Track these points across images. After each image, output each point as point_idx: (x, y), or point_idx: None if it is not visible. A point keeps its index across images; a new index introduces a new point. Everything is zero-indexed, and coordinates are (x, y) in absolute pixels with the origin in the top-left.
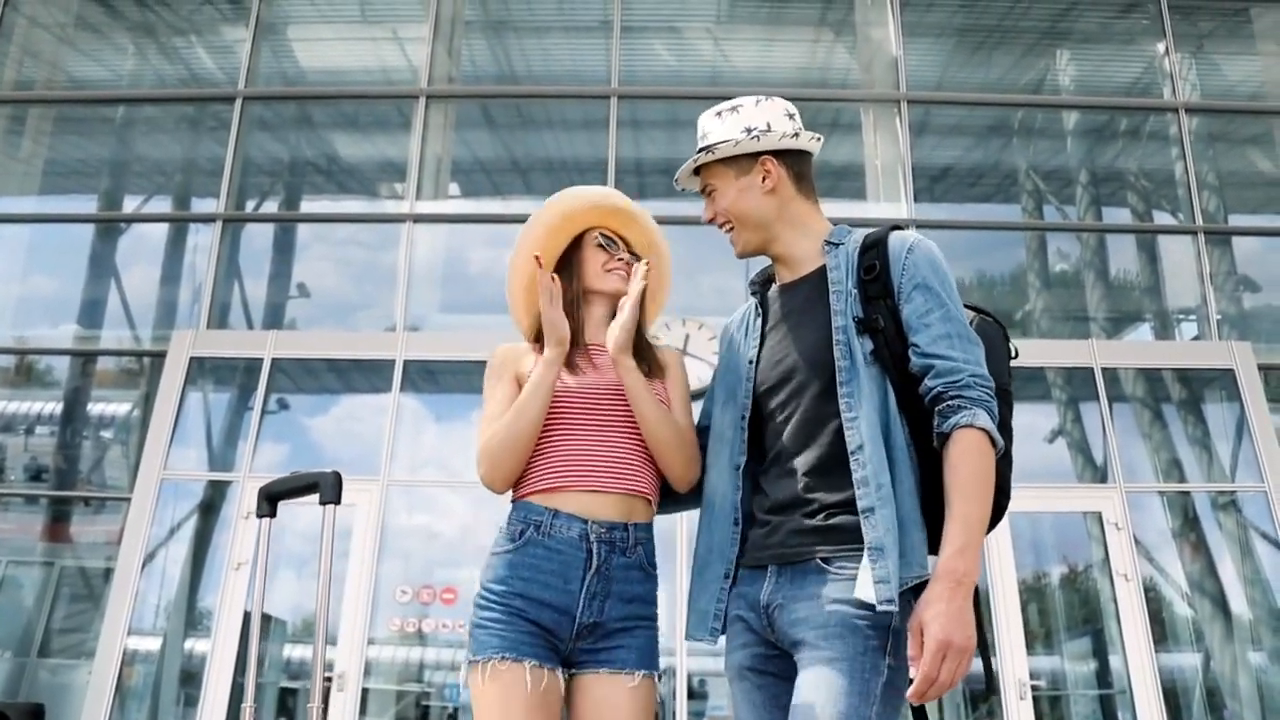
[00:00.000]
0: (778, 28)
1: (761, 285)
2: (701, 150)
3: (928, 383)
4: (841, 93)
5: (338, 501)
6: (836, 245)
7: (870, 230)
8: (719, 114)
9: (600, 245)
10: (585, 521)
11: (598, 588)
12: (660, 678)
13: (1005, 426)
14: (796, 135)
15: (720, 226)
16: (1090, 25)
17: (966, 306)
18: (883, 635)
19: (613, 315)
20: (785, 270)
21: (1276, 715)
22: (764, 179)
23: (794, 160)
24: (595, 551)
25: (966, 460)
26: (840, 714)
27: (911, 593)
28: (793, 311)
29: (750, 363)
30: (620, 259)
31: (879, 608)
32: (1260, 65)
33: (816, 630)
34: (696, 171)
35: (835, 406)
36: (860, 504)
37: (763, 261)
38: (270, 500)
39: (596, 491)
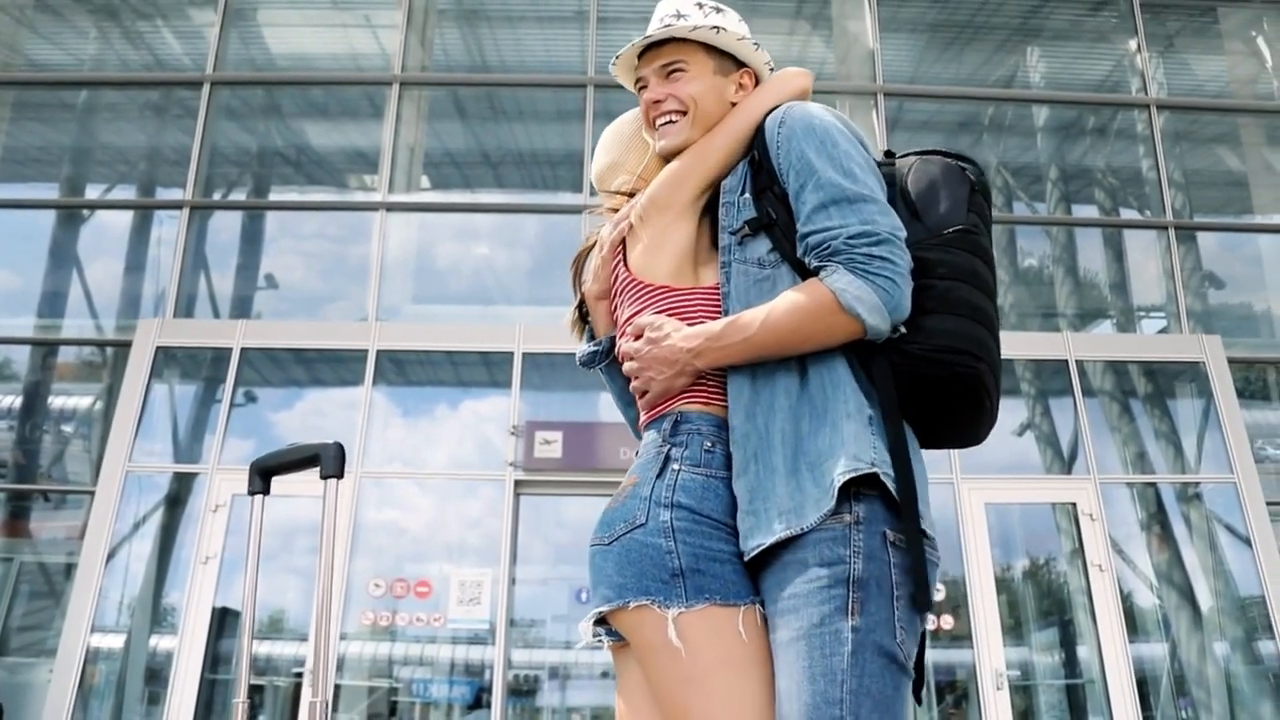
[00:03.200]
0: (753, 19)
1: None
2: (711, 28)
3: (807, 262)
4: (817, 84)
5: (340, 475)
6: None
7: None
8: (699, 4)
9: None
10: None
11: None
12: None
13: (960, 274)
14: (772, 68)
15: (664, 113)
16: (1061, 22)
17: (928, 152)
18: (841, 593)
19: None
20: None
21: (1242, 703)
22: (738, 89)
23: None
24: None
25: (788, 295)
26: (807, 705)
27: (871, 521)
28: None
29: None
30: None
31: (746, 555)
32: (1226, 64)
33: (776, 605)
34: (651, 49)
35: None
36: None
37: None
38: (264, 475)
39: None
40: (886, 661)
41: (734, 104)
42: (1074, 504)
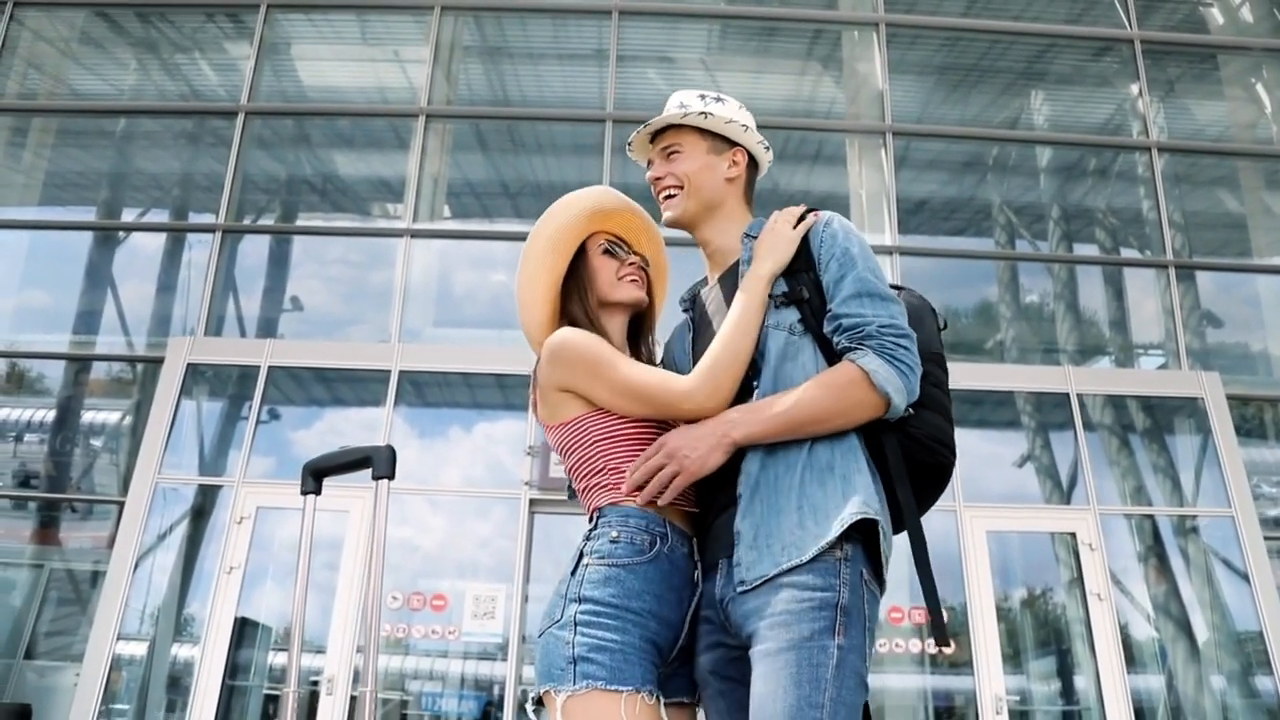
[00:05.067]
0: (766, 59)
1: (691, 301)
2: (699, 114)
3: (835, 339)
4: (828, 123)
5: (392, 476)
6: (755, 237)
7: None
8: (702, 96)
9: (607, 252)
10: (690, 539)
11: (693, 610)
12: None
13: (940, 385)
14: (767, 149)
15: (664, 189)
16: (1065, 67)
17: (892, 286)
18: (830, 615)
19: (633, 327)
20: (710, 265)
21: None
22: (731, 165)
23: (752, 167)
24: (698, 572)
25: (823, 375)
26: (792, 707)
27: (855, 560)
28: (718, 309)
29: None
30: (631, 263)
31: (738, 589)
32: (1226, 109)
33: (765, 620)
34: (658, 134)
35: (748, 399)
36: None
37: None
38: (316, 476)
39: (685, 510)
40: (859, 680)
41: (729, 179)
42: (1074, 534)
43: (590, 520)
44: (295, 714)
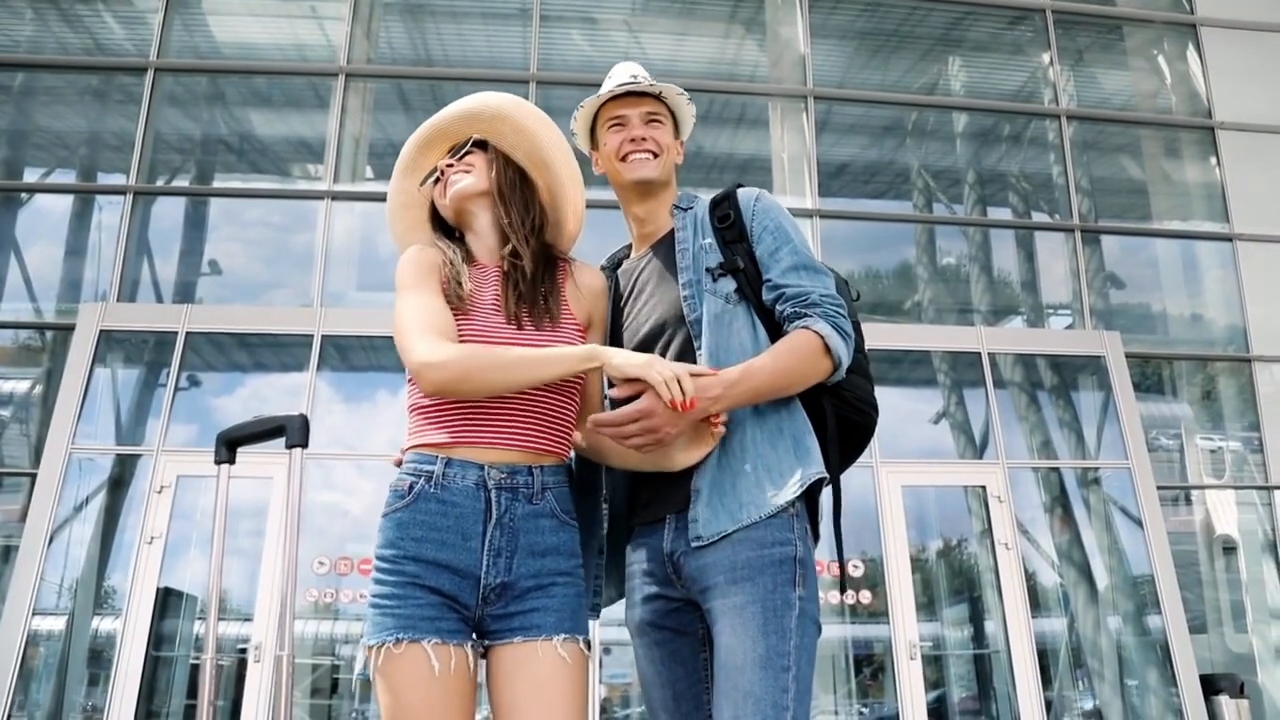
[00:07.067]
0: (690, 21)
1: (613, 268)
2: (687, 99)
3: (779, 307)
4: (751, 86)
5: (305, 445)
6: (685, 210)
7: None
8: (679, 91)
9: (432, 184)
10: (481, 467)
11: (501, 542)
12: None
13: (862, 350)
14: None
15: (645, 149)
16: (981, 34)
17: None
18: (790, 568)
19: (491, 215)
20: (641, 237)
21: (1131, 672)
22: (678, 154)
23: None
24: (495, 500)
25: (787, 343)
26: (762, 656)
27: (802, 516)
28: (651, 277)
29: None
30: (442, 171)
31: (692, 543)
32: (1131, 79)
33: (726, 574)
34: (638, 96)
35: (689, 358)
36: None
37: (609, 243)
38: (230, 446)
39: (495, 446)
40: (815, 625)
41: (676, 164)
42: (984, 487)
43: None
44: (213, 683)
